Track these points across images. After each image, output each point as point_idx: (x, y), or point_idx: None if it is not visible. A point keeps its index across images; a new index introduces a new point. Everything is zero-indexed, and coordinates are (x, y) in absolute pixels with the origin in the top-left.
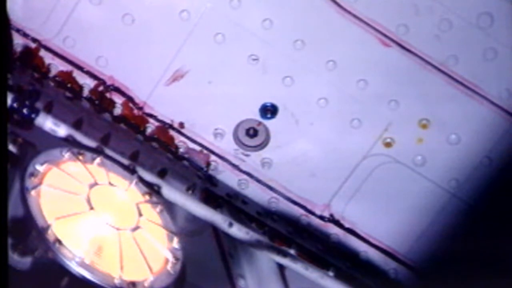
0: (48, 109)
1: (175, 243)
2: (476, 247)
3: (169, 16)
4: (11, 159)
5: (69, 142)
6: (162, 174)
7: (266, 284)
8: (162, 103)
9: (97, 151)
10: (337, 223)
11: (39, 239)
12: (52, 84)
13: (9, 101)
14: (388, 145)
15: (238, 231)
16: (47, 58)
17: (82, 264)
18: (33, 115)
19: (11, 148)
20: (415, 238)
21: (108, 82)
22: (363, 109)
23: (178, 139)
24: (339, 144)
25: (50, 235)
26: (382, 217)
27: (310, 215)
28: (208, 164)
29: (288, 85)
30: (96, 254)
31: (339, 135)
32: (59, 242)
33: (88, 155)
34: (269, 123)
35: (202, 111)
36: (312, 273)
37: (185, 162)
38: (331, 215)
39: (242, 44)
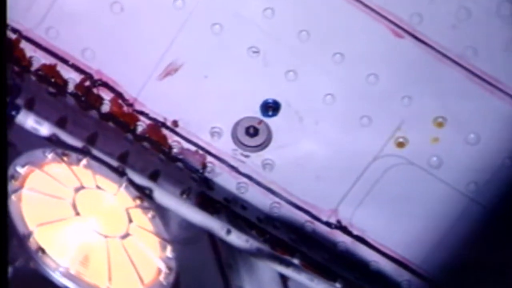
0: (30, 106)
1: (168, 252)
2: (497, 257)
3: (162, 4)
4: None
5: (52, 142)
6: (154, 176)
7: None
8: (154, 99)
9: (83, 152)
10: (345, 230)
11: (20, 248)
12: (34, 78)
13: None
14: (400, 145)
15: (237, 238)
16: (29, 50)
17: (67, 275)
18: (13, 113)
19: None
20: (431, 247)
21: (95, 77)
22: (373, 106)
23: (172, 139)
24: (347, 144)
25: (32, 243)
26: (394, 224)
27: (315, 221)
28: (204, 165)
29: (292, 79)
30: (82, 263)
31: (347, 134)
32: (42, 250)
33: (74, 156)
34: (271, 121)
35: (197, 108)
36: (317, 285)
37: (179, 164)
38: (339, 222)
39: (241, 35)
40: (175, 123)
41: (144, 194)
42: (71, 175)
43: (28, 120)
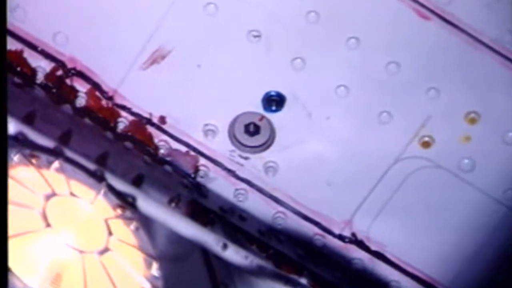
0: None
1: (154, 270)
2: None
3: None
4: None
5: (19, 142)
6: (137, 182)
7: None
8: (138, 91)
9: (55, 153)
10: (361, 244)
11: None
12: None
13: None
14: (426, 144)
15: (234, 254)
16: None
17: None
18: None
19: None
20: (462, 264)
21: (69, 65)
22: (394, 100)
23: (159, 138)
24: (363, 144)
25: None
26: (419, 237)
27: (326, 235)
28: (197, 169)
29: (299, 68)
30: (53, 283)
31: (363, 132)
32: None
33: (44, 158)
34: (274, 117)
35: (189, 102)
36: None
37: (167, 167)
38: (354, 235)
39: (240, 17)
40: (162, 119)
41: (126, 203)
42: (40, 180)
43: None
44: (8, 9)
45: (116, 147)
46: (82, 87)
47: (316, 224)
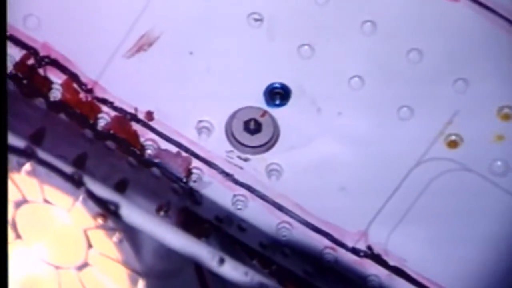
0: None
1: None
2: None
3: None
4: None
5: None
6: (121, 187)
7: None
8: (122, 83)
9: (26, 154)
10: (378, 259)
11: None
12: None
13: None
14: (452, 144)
15: (232, 270)
16: None
17: None
18: None
19: None
20: (494, 281)
21: (42, 53)
22: (415, 92)
23: (145, 136)
24: (380, 143)
25: None
26: (444, 251)
27: (338, 248)
28: (189, 172)
29: (306, 56)
30: None
31: (380, 130)
32: None
33: (13, 159)
34: (278, 113)
35: (180, 94)
36: None
37: (155, 170)
38: (370, 248)
39: None
40: (149, 115)
41: (108, 211)
42: (9, 185)
43: None
44: None
45: (97, 147)
46: (57, 78)
47: (327, 235)
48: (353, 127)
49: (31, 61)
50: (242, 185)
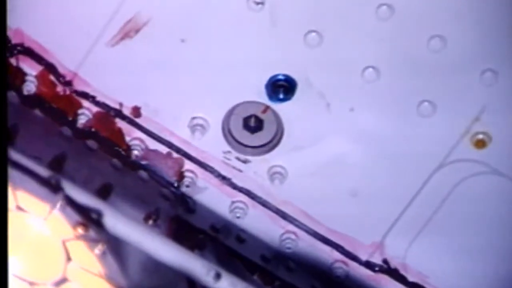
0: None
1: None
2: None
3: None
4: None
5: None
6: (104, 192)
7: None
8: (105, 74)
9: None
10: (396, 274)
11: None
12: None
13: None
14: (480, 144)
15: (230, 287)
16: None
17: None
18: None
19: None
20: None
21: (14, 40)
22: (438, 85)
23: (131, 135)
24: (398, 143)
25: None
26: (470, 264)
27: (350, 261)
28: (181, 176)
29: (314, 44)
30: None
31: (398, 128)
32: None
33: None
34: (282, 108)
35: (170, 88)
36: None
37: (143, 173)
38: (386, 262)
39: None
40: (136, 111)
41: (89, 219)
42: None
43: None
44: None
45: (76, 147)
46: (31, 69)
47: (337, 247)
48: (367, 124)
49: None
50: (241, 190)
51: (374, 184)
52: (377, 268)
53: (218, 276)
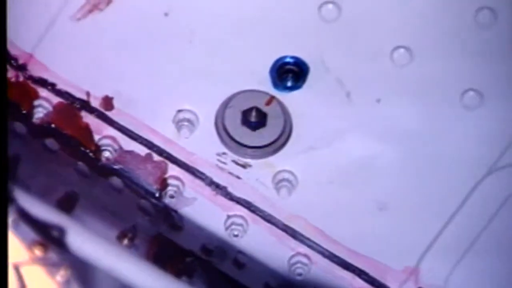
0: None
1: None
2: None
3: None
4: None
5: None
6: (67, 204)
7: None
8: (68, 56)
9: None
10: None
11: None
12: None
13: None
14: None
15: None
16: None
17: None
18: None
19: None
20: None
21: None
22: (486, 70)
23: (101, 133)
24: (435, 143)
25: None
26: None
27: None
28: (164, 184)
29: (331, 19)
30: None
31: (435, 124)
32: None
33: None
34: (291, 99)
35: (150, 73)
36: None
37: (116, 181)
38: None
39: None
40: (107, 102)
41: (49, 238)
42: None
43: None
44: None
45: (32, 148)
46: None
47: (360, 274)
48: (397, 119)
49: None
50: (240, 202)
51: (407, 195)
52: None
53: None
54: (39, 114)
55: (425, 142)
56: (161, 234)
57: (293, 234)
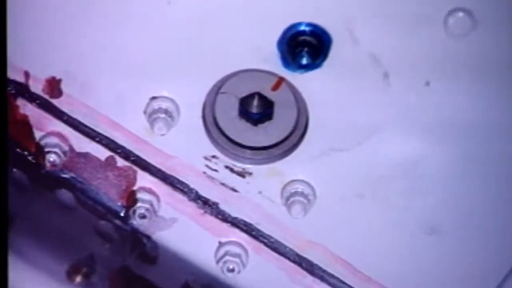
0: None
1: None
2: None
3: None
4: None
5: None
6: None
7: None
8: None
9: None
10: None
11: None
12: None
13: None
14: None
15: None
16: None
17: None
18: None
19: None
20: None
21: None
22: None
23: (46, 129)
24: (504, 142)
25: None
26: None
27: None
28: (133, 200)
29: None
30: None
31: (505, 116)
32: None
33: None
34: (306, 83)
35: (113, 47)
36: None
37: (65, 194)
38: None
39: None
40: (53, 86)
41: None
42: None
43: None
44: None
45: None
46: None
47: None
48: (452, 109)
49: None
50: (236, 224)
51: (465, 213)
52: None
53: None
54: None
55: (490, 141)
56: (128, 268)
57: (310, 268)
